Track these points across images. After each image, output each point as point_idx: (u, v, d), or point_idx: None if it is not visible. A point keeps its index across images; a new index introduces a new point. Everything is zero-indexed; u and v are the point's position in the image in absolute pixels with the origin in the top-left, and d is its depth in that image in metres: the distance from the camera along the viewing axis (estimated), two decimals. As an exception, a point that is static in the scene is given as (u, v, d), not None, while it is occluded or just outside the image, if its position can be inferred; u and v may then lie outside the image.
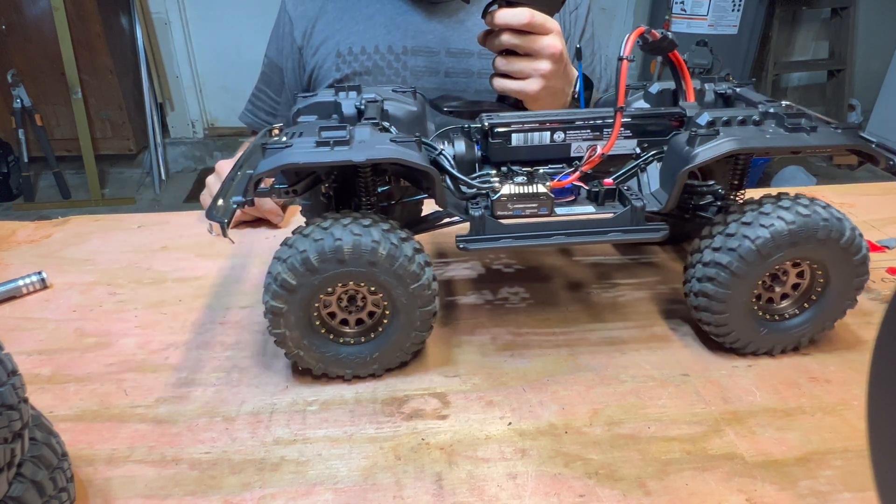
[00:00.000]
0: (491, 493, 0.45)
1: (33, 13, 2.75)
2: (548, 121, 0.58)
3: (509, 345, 0.60)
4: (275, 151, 0.49)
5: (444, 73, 0.98)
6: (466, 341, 0.60)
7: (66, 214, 0.89)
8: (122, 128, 3.07)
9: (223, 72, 3.22)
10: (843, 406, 0.52)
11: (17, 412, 0.35)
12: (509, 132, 0.57)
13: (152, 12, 3.04)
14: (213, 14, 3.08)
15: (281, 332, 0.51)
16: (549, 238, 0.54)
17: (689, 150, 0.51)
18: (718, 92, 0.63)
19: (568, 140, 0.58)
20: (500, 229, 0.54)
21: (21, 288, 0.69)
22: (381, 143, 0.49)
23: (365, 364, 0.54)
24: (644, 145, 0.59)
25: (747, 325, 0.55)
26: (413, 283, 0.51)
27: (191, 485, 0.46)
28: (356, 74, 0.99)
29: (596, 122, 0.58)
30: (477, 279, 0.71)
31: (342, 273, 0.49)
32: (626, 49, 0.54)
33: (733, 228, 0.52)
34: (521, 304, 0.66)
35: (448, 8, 0.99)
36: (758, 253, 0.51)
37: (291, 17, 1.03)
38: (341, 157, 0.48)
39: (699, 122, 0.55)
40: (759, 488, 0.45)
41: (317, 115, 0.57)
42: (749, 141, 0.51)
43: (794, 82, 3.47)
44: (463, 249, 0.53)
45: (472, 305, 0.66)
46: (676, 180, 0.53)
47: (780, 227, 0.51)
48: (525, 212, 0.54)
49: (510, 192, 0.53)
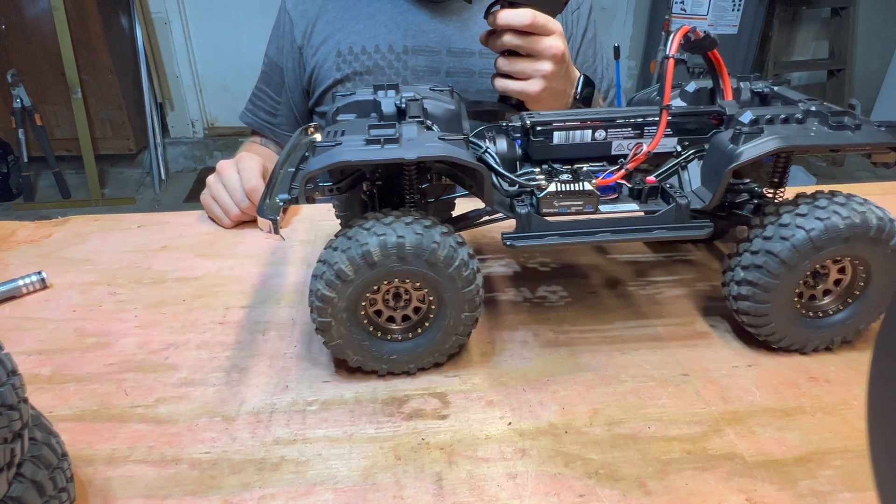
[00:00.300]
0: (491, 493, 0.45)
1: (33, 13, 2.75)
2: (589, 119, 0.58)
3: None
4: (326, 149, 0.49)
5: (444, 73, 0.98)
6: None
7: (66, 214, 0.89)
8: (122, 128, 3.06)
9: (223, 72, 3.22)
10: (843, 406, 0.52)
11: (17, 412, 0.35)
12: (551, 130, 0.58)
13: (152, 12, 3.04)
14: (213, 14, 3.08)
15: (328, 320, 0.51)
16: (594, 235, 0.55)
17: (734, 148, 0.52)
18: (755, 90, 0.63)
19: (609, 138, 0.58)
20: (545, 227, 0.54)
21: (21, 288, 0.69)
22: (431, 142, 0.50)
23: (401, 362, 0.55)
24: (684, 143, 0.59)
25: (789, 321, 0.55)
26: (466, 286, 0.51)
27: (191, 485, 0.46)
28: (357, 74, 0.98)
29: (637, 121, 0.58)
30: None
31: (399, 270, 0.50)
32: (673, 48, 0.54)
33: (771, 231, 0.53)
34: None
35: (449, 7, 0.99)
36: (795, 252, 0.52)
37: (292, 16, 1.02)
38: (393, 155, 0.48)
39: (742, 120, 0.55)
40: (759, 488, 0.45)
41: (355, 113, 0.57)
42: (794, 139, 0.51)
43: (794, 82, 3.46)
44: (510, 247, 0.54)
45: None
46: (722, 178, 0.53)
47: (819, 227, 0.51)
48: (570, 209, 0.54)
49: (556, 190, 0.54)
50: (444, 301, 0.52)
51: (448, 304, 0.52)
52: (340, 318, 0.51)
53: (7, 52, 2.80)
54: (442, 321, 0.53)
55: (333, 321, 0.51)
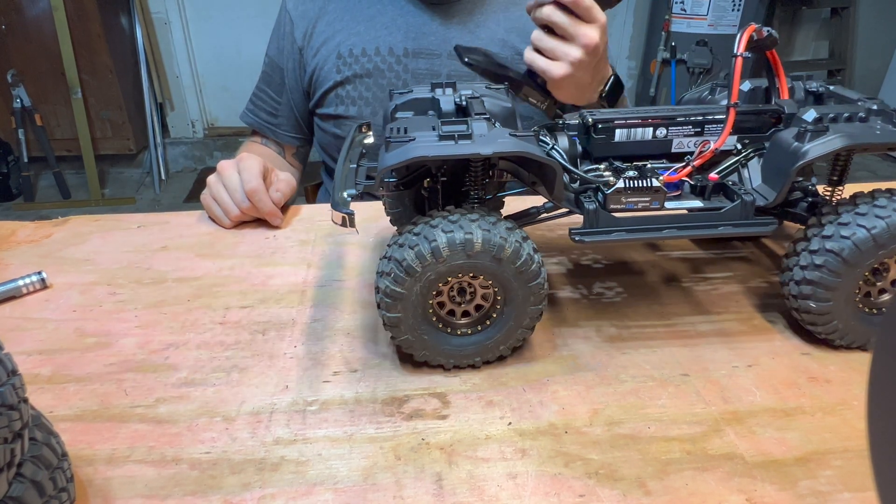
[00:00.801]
0: (491, 493, 0.45)
1: (33, 13, 2.75)
2: (650, 117, 0.58)
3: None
4: (399, 145, 0.50)
5: (445, 76, 0.98)
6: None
7: (66, 214, 0.89)
8: (122, 128, 3.07)
9: (223, 72, 3.23)
10: (843, 406, 0.52)
11: (17, 412, 0.35)
12: (613, 128, 0.58)
13: (152, 12, 3.04)
14: (213, 14, 3.08)
15: (397, 315, 0.52)
16: (660, 231, 0.55)
17: (800, 146, 0.52)
18: (809, 90, 0.63)
19: (670, 136, 0.59)
20: (612, 222, 0.55)
21: (21, 288, 0.69)
22: (503, 137, 0.50)
23: (468, 355, 0.55)
24: (744, 141, 0.60)
25: (850, 319, 0.56)
26: (531, 280, 0.52)
27: (191, 485, 0.46)
28: (357, 76, 0.98)
29: (698, 119, 0.58)
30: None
31: (467, 265, 0.51)
32: (741, 46, 0.55)
33: (831, 230, 0.53)
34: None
35: (450, 10, 0.98)
36: (857, 250, 0.52)
37: (292, 17, 1.02)
38: (469, 151, 0.49)
39: (806, 118, 0.55)
40: (759, 488, 0.45)
41: (413, 111, 0.58)
42: (860, 137, 0.51)
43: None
44: (578, 242, 0.54)
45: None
46: (788, 175, 0.53)
47: (862, 234, 0.51)
48: (637, 205, 0.55)
49: (624, 186, 0.54)
50: (509, 295, 0.53)
51: (514, 297, 0.53)
52: (409, 314, 0.52)
53: (7, 52, 2.80)
54: (508, 315, 0.54)
55: (402, 316, 0.52)
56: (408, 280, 0.50)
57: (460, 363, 0.56)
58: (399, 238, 0.52)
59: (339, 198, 0.52)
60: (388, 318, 0.52)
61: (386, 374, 0.56)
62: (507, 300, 0.54)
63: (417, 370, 0.57)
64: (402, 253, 0.51)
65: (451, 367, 0.56)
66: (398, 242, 0.51)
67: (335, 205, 0.51)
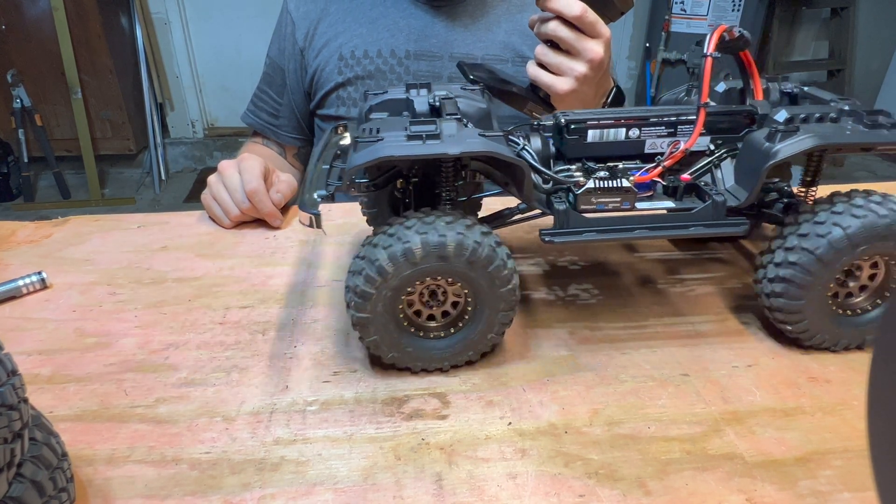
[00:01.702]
0: (491, 493, 0.45)
1: (33, 13, 2.75)
2: (623, 117, 0.58)
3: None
4: (367, 145, 0.49)
5: (446, 79, 0.98)
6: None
7: (66, 214, 0.89)
8: (121, 128, 3.07)
9: (223, 72, 3.23)
10: (843, 406, 0.52)
11: (17, 412, 0.35)
12: (585, 128, 0.58)
13: (152, 12, 3.04)
14: (213, 14, 3.08)
15: (366, 316, 0.52)
16: (631, 232, 0.55)
17: (770, 146, 0.52)
18: (784, 91, 0.63)
19: (643, 136, 0.59)
20: (583, 223, 0.55)
21: (21, 288, 0.69)
22: (472, 137, 0.50)
23: (436, 359, 0.55)
24: (717, 142, 0.60)
25: (822, 319, 0.56)
26: (503, 286, 0.52)
27: (191, 485, 0.46)
28: (358, 78, 0.98)
29: (671, 119, 0.58)
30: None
31: (439, 268, 0.50)
32: (711, 46, 0.55)
33: (806, 229, 0.53)
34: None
35: (452, 12, 0.98)
36: (830, 250, 0.52)
37: (294, 18, 1.02)
38: (436, 150, 0.49)
39: (777, 118, 0.55)
40: (759, 488, 0.45)
41: (388, 111, 0.58)
42: (830, 137, 0.51)
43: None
44: (548, 243, 0.54)
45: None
46: (759, 176, 0.53)
47: (837, 233, 0.51)
48: (608, 206, 0.55)
49: (594, 187, 0.54)
50: (481, 299, 0.53)
51: (485, 302, 0.53)
52: (378, 314, 0.52)
53: (7, 52, 2.80)
54: (478, 320, 0.54)
55: (371, 316, 0.52)
56: (379, 280, 0.50)
57: (428, 367, 0.55)
58: (373, 238, 0.51)
59: (307, 199, 0.51)
60: (358, 317, 0.52)
61: (386, 374, 0.56)
62: (478, 305, 0.53)
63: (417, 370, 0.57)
64: (375, 253, 0.50)
65: (418, 371, 0.56)
66: (372, 242, 0.51)
67: (302, 205, 0.51)
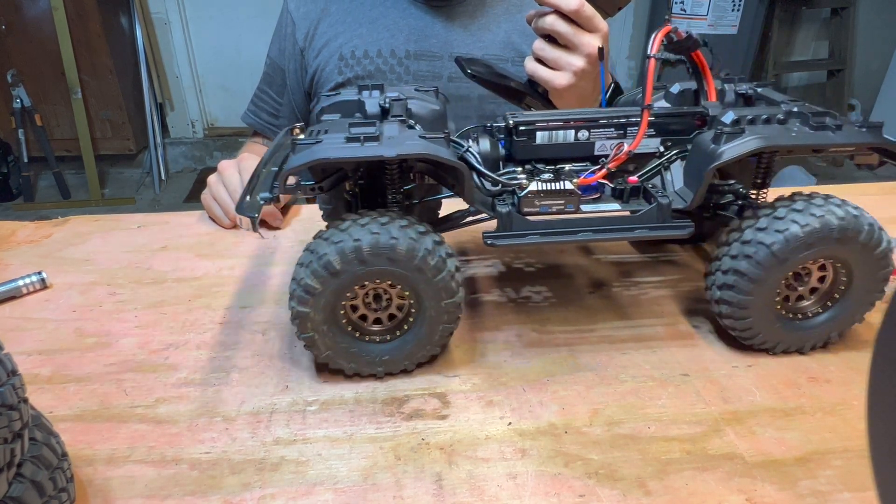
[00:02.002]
0: (491, 493, 0.45)
1: (33, 13, 2.75)
2: (572, 119, 0.58)
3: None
4: (305, 147, 0.49)
5: (447, 78, 0.98)
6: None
7: (66, 214, 0.89)
8: (121, 128, 3.07)
9: (223, 72, 3.23)
10: (843, 406, 0.52)
11: (17, 412, 0.35)
12: (534, 130, 0.58)
13: (152, 12, 3.04)
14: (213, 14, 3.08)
15: (306, 311, 0.51)
16: (575, 235, 0.55)
17: (716, 148, 0.52)
18: (739, 92, 0.63)
19: (592, 138, 0.58)
20: (526, 226, 0.54)
21: (21, 288, 0.69)
22: (411, 140, 0.50)
23: (396, 361, 0.55)
24: (667, 144, 0.59)
25: (770, 324, 0.55)
26: (435, 275, 0.51)
27: (191, 485, 0.46)
28: (358, 78, 0.98)
29: (620, 121, 0.58)
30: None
31: (365, 272, 0.50)
32: (654, 47, 0.54)
33: (749, 235, 0.53)
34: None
35: (452, 12, 0.98)
36: (773, 257, 0.51)
37: (294, 18, 1.02)
38: (372, 153, 0.48)
39: (724, 120, 0.55)
40: (759, 488, 0.45)
41: (340, 113, 0.57)
42: (775, 139, 0.51)
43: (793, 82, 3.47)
44: (490, 246, 0.54)
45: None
46: (703, 178, 0.53)
47: (794, 230, 0.51)
48: (552, 209, 0.54)
49: (537, 189, 0.54)
50: (419, 294, 0.52)
51: (428, 312, 0.52)
52: (319, 311, 0.51)
53: (7, 52, 2.80)
54: (420, 328, 0.53)
55: (312, 312, 0.51)
56: (326, 276, 0.50)
57: (362, 371, 0.55)
58: (325, 232, 0.51)
59: (247, 201, 0.50)
60: (298, 311, 0.51)
61: (386, 374, 0.56)
62: (421, 314, 0.53)
63: (417, 370, 0.57)
64: (300, 272, 0.50)
65: (351, 374, 0.55)
66: (323, 236, 0.50)
67: (239, 208, 0.50)
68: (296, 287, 0.51)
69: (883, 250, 0.54)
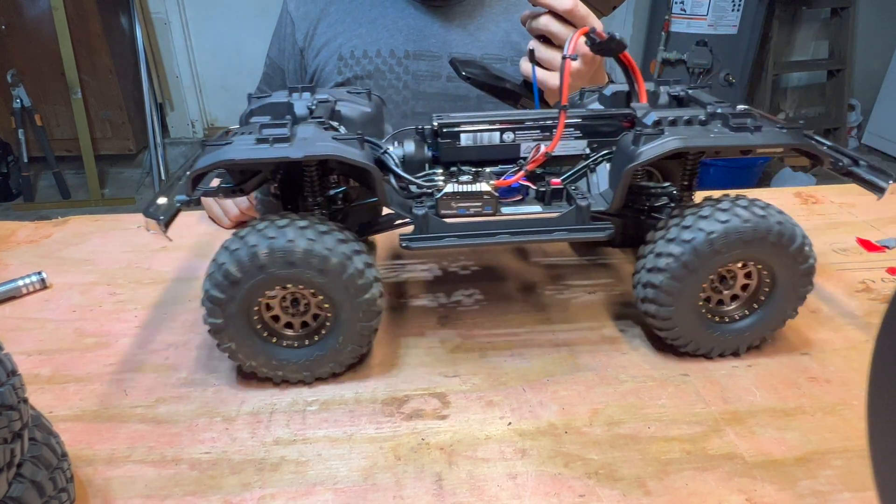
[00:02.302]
0: (491, 493, 0.45)
1: (33, 13, 2.75)
2: (497, 120, 0.58)
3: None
4: (214, 149, 0.49)
5: (445, 78, 0.98)
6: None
7: (66, 214, 0.89)
8: (121, 128, 3.07)
9: (223, 72, 3.23)
10: (843, 406, 0.52)
11: (16, 412, 0.35)
12: (458, 132, 0.57)
13: (152, 12, 3.04)
14: (213, 14, 3.08)
15: (219, 322, 0.50)
16: (493, 237, 0.54)
17: (635, 149, 0.52)
18: (672, 94, 0.63)
19: (518, 140, 0.58)
20: (443, 228, 0.54)
21: (21, 288, 0.69)
22: (322, 141, 0.49)
23: (298, 369, 0.54)
24: (594, 145, 0.59)
25: (696, 327, 0.55)
26: (359, 296, 0.50)
27: (191, 485, 0.46)
28: (357, 78, 0.98)
29: (546, 123, 0.58)
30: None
31: (288, 275, 0.49)
32: (570, 48, 0.54)
33: (674, 233, 0.52)
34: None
35: (451, 12, 0.98)
36: (696, 257, 0.51)
37: (293, 18, 1.02)
38: (279, 154, 0.48)
39: (646, 121, 0.55)
40: (759, 488, 0.45)
41: (270, 115, 0.57)
42: (693, 140, 0.51)
43: (793, 82, 3.47)
44: (406, 248, 0.53)
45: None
46: (621, 179, 0.53)
47: (717, 230, 0.51)
48: (469, 211, 0.54)
49: (454, 191, 0.53)
50: (339, 309, 0.51)
51: (343, 312, 0.51)
52: (232, 321, 0.50)
53: (7, 52, 2.80)
54: (337, 330, 0.52)
55: (224, 322, 0.50)
56: (227, 284, 0.49)
57: (289, 378, 0.54)
58: (227, 241, 0.50)
59: (156, 204, 0.49)
60: (211, 322, 0.50)
61: (386, 374, 0.56)
62: (337, 315, 0.52)
63: (417, 370, 0.57)
64: (222, 257, 0.49)
65: (279, 382, 0.55)
66: (225, 245, 0.50)
67: (145, 210, 0.49)
68: (204, 300, 0.50)
69: (805, 256, 0.53)
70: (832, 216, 0.86)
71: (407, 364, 0.57)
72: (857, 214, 0.85)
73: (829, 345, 0.59)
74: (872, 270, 0.72)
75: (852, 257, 0.75)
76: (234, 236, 0.50)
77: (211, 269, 0.50)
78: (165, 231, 0.48)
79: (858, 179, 0.56)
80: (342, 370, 0.55)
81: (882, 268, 0.73)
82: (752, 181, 2.81)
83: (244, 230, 0.50)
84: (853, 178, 0.56)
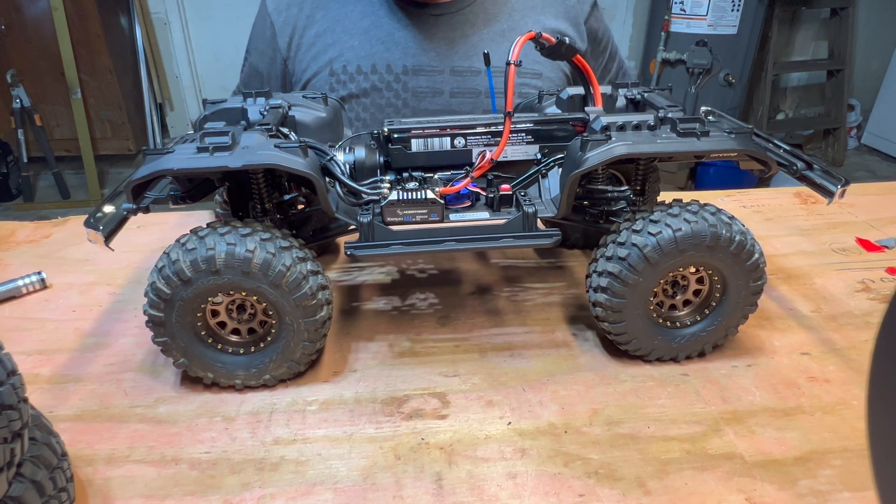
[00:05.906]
0: (491, 492, 0.45)
1: (33, 13, 2.75)
2: (448, 126, 0.57)
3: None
4: (154, 158, 0.48)
5: (448, 94, 0.91)
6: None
7: (66, 214, 0.89)
8: (121, 128, 3.07)
9: (222, 72, 3.22)
10: (843, 406, 0.52)
11: (17, 412, 0.35)
12: (408, 137, 0.57)
13: (152, 12, 3.04)
14: (213, 14, 3.08)
15: (159, 315, 0.50)
16: (440, 244, 0.53)
17: (581, 155, 0.51)
18: (629, 97, 0.63)
19: (469, 146, 0.58)
20: (389, 235, 0.53)
21: (21, 288, 0.69)
22: (264, 149, 0.49)
23: (255, 374, 0.53)
24: (545, 150, 0.59)
25: (645, 330, 0.55)
26: (294, 293, 0.50)
27: (191, 485, 0.46)
28: (353, 97, 0.91)
29: (496, 129, 0.57)
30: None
31: (219, 284, 0.49)
32: (514, 54, 0.53)
33: (624, 237, 0.52)
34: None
35: (451, 21, 0.90)
36: (646, 261, 0.51)
37: (273, 22, 0.94)
38: (218, 164, 0.47)
39: (594, 127, 0.55)
40: (759, 488, 0.45)
41: (225, 121, 0.56)
42: (639, 146, 0.51)
43: (793, 82, 3.47)
44: (351, 256, 0.53)
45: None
46: (566, 185, 0.53)
47: (667, 234, 0.50)
48: (415, 218, 0.53)
49: (399, 199, 0.53)
50: (279, 309, 0.51)
51: (284, 312, 0.51)
52: (173, 317, 0.50)
53: (7, 52, 2.80)
54: (285, 330, 0.52)
55: (164, 317, 0.50)
56: (176, 281, 0.49)
57: (220, 381, 0.54)
58: (183, 237, 0.50)
59: (99, 214, 0.49)
60: (151, 314, 0.50)
61: (385, 374, 0.56)
62: (280, 315, 0.51)
63: (417, 370, 0.57)
64: (162, 260, 0.49)
65: (209, 384, 0.54)
66: (181, 241, 0.49)
67: (87, 221, 0.48)
68: (148, 290, 0.50)
69: (755, 261, 0.53)
70: (832, 216, 0.86)
71: (407, 364, 0.57)
72: (857, 214, 0.85)
73: (828, 345, 0.59)
74: (872, 270, 0.72)
75: (852, 257, 0.75)
76: (175, 242, 0.50)
77: (161, 262, 0.50)
78: (107, 242, 0.48)
79: (811, 184, 0.56)
80: (275, 384, 0.55)
81: (881, 267, 0.73)
82: (753, 181, 2.81)
83: (185, 236, 0.50)
84: (806, 183, 0.57)
